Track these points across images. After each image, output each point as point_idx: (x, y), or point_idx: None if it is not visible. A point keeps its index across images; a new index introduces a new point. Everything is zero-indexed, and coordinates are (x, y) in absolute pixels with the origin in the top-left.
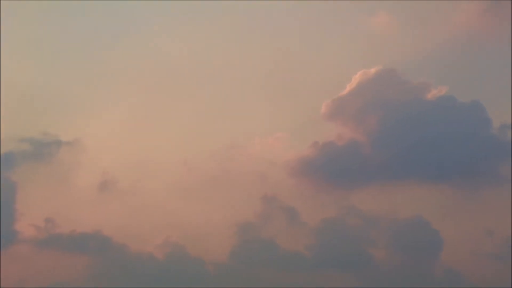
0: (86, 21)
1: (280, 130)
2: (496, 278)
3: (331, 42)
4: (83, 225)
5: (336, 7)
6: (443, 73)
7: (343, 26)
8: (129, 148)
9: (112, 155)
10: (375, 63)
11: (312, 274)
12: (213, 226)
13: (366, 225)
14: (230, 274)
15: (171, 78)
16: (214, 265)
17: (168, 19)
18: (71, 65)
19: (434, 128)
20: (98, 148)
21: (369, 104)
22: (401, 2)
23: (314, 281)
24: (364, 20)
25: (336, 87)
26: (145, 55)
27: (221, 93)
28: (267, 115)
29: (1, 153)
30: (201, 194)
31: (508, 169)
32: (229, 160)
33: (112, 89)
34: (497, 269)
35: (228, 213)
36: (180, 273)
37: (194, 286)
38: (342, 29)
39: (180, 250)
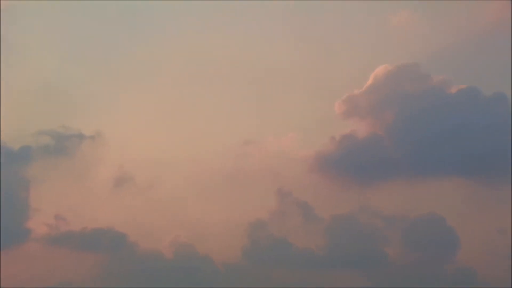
0: (108, 15)
1: (295, 128)
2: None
3: (350, 40)
4: (96, 222)
5: (357, 6)
6: (464, 69)
7: (362, 24)
8: (147, 144)
9: (130, 151)
10: (394, 59)
11: (325, 273)
12: (225, 224)
13: (380, 223)
14: (241, 273)
15: (191, 76)
16: (226, 264)
17: (190, 15)
18: (92, 59)
19: (454, 121)
20: (117, 143)
21: (386, 100)
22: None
23: (327, 280)
24: (384, 18)
25: (353, 84)
26: (167, 52)
27: (238, 91)
28: (282, 113)
29: (16, 147)
30: (216, 191)
31: None
32: (244, 157)
33: (133, 84)
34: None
35: (242, 211)
36: (191, 272)
37: (206, 286)
38: (361, 27)
39: (191, 249)
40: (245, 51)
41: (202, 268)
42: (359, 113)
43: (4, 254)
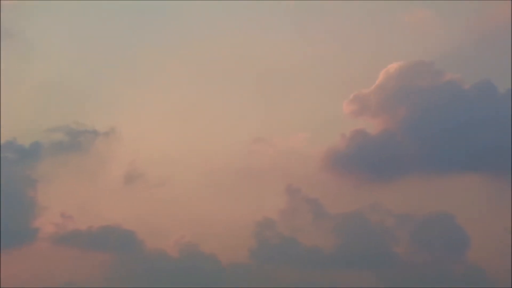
0: (121, 11)
1: (304, 126)
2: None
3: (360, 38)
4: (104, 221)
5: (368, 4)
6: (477, 65)
7: (374, 22)
8: (158, 141)
9: (142, 148)
10: (405, 57)
11: (333, 272)
12: (233, 223)
13: (390, 221)
14: (249, 272)
15: (203, 74)
16: (233, 264)
17: (203, 14)
18: (105, 55)
19: (467, 117)
20: (129, 139)
21: (398, 97)
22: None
23: (335, 279)
24: (395, 16)
25: (363, 82)
26: (181, 50)
27: (248, 89)
28: (292, 111)
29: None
30: (225, 189)
31: None
32: (254, 155)
33: (146, 81)
34: None
35: (251, 209)
36: (197, 271)
37: (213, 286)
38: (372, 25)
39: (197, 248)
40: (256, 50)
41: (207, 268)
42: (369, 111)
43: (10, 253)
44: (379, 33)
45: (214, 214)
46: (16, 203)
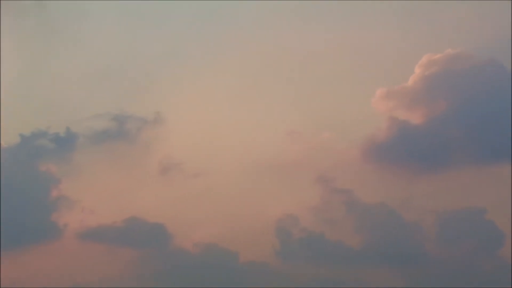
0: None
1: (339, 120)
2: None
3: (398, 30)
4: (134, 213)
5: None
6: None
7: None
8: (197, 131)
9: (180, 137)
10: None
11: (361, 270)
12: (263, 218)
13: (424, 216)
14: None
15: (245, 71)
16: (261, 261)
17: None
18: (156, 42)
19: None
20: (168, 129)
21: (438, 88)
22: None
23: (362, 278)
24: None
25: (399, 75)
26: (227, 45)
27: (284, 82)
28: (327, 105)
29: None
30: (258, 182)
31: None
32: (288, 148)
33: (191, 72)
34: None
35: (283, 203)
36: (215, 268)
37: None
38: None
39: (218, 244)
40: (294, 47)
41: (227, 264)
42: (406, 103)
43: (36, 249)
44: (414, 25)
45: (246, 208)
46: (43, 197)
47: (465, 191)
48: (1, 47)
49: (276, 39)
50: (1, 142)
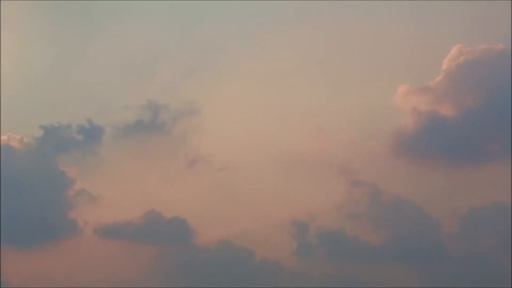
0: None
1: (366, 115)
2: None
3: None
4: (162, 209)
5: None
6: None
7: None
8: (228, 124)
9: (210, 131)
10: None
11: (380, 268)
12: (279, 218)
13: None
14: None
15: (277, 68)
16: (280, 258)
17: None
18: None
19: None
20: (202, 119)
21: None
22: None
23: (383, 276)
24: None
25: (428, 69)
26: (261, 42)
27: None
28: (353, 100)
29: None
30: (284, 177)
31: None
32: (313, 144)
33: (225, 66)
34: None
35: (304, 201)
36: (232, 265)
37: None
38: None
39: (238, 241)
40: (323, 47)
41: (244, 262)
42: (434, 97)
43: (55, 246)
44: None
45: (267, 205)
46: (63, 192)
47: (494, 186)
48: (32, 39)
49: (306, 37)
50: (23, 135)
